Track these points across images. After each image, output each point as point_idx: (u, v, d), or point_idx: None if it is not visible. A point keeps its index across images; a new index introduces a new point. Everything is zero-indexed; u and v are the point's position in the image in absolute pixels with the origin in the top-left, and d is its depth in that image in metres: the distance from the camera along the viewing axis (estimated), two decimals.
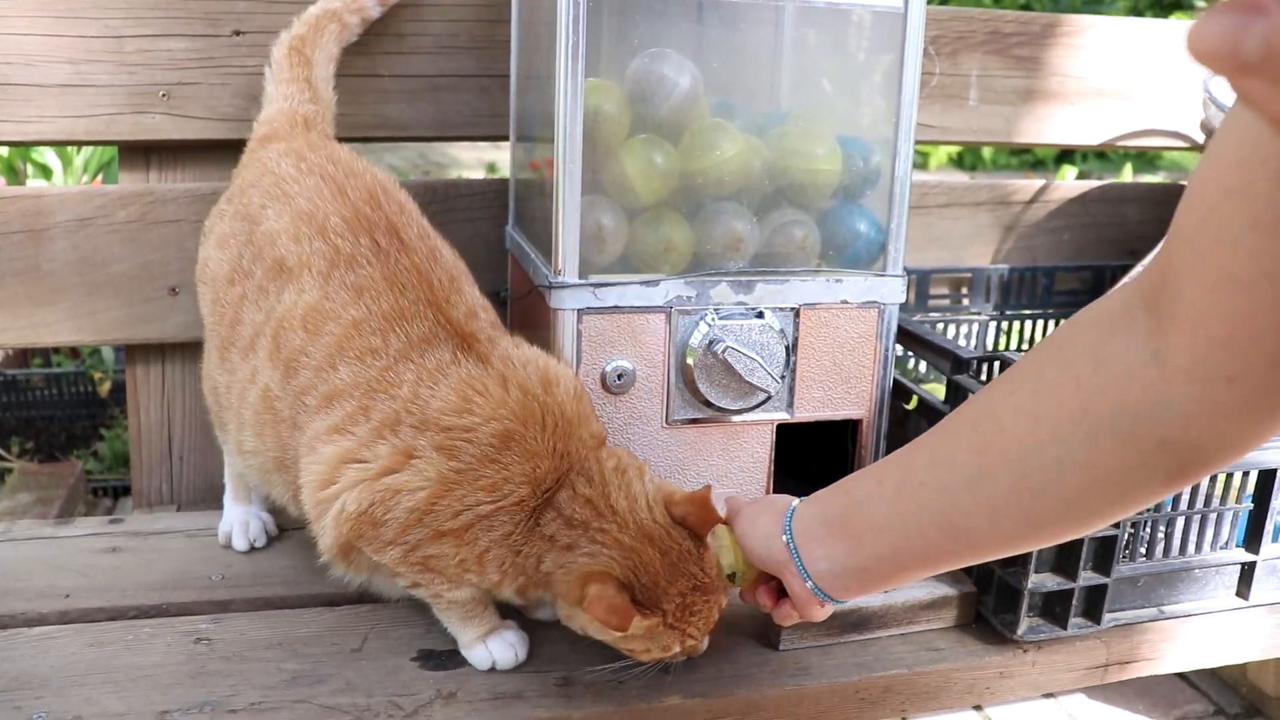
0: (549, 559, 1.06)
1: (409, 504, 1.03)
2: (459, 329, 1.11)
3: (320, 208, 1.17)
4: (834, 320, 1.29)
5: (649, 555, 1.05)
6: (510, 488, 1.04)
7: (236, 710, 1.08)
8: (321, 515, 1.08)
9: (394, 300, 1.11)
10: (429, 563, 1.07)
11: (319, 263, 1.14)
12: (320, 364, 1.10)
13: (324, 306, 1.12)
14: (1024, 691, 1.27)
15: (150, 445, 1.62)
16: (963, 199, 1.85)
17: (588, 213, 1.21)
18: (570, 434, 1.07)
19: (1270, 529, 1.30)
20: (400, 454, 1.04)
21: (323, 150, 1.25)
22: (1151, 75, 1.90)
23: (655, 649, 1.08)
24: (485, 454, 1.04)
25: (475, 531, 1.04)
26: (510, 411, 1.05)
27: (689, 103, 1.23)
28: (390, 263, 1.13)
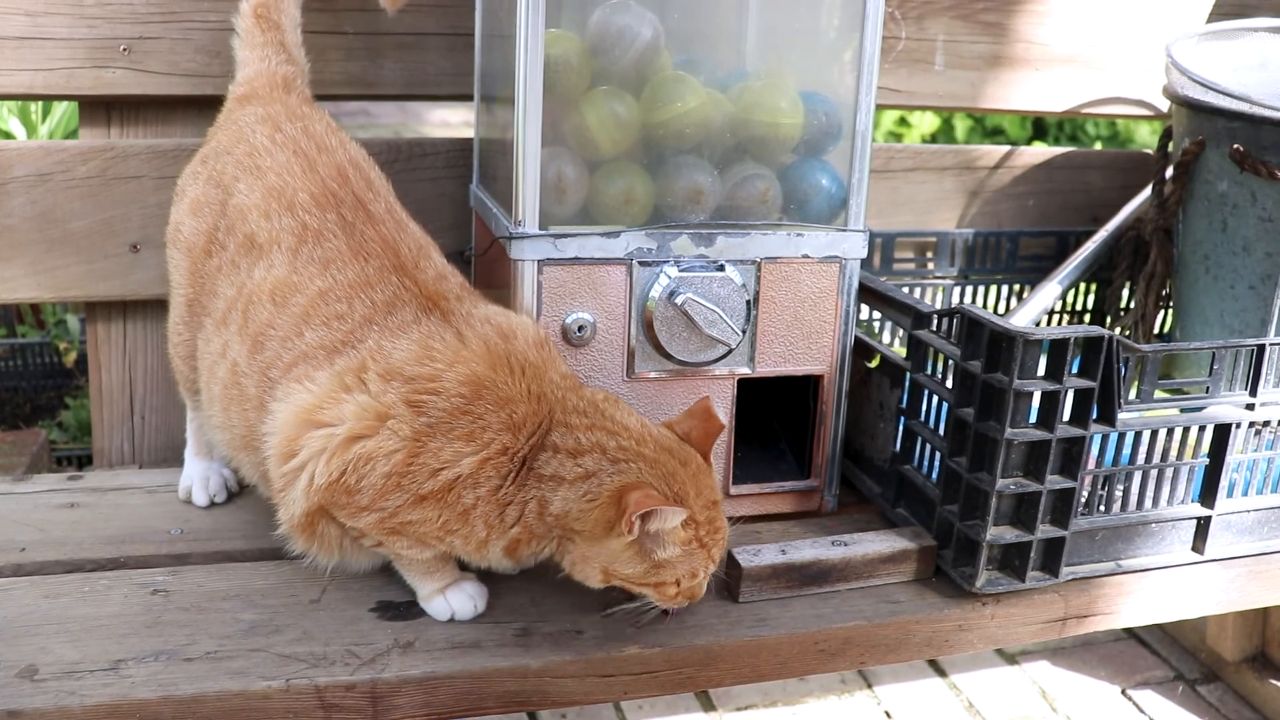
0: (559, 497, 1.04)
1: (384, 469, 1.02)
2: (426, 290, 1.11)
3: (290, 184, 1.17)
4: (795, 274, 1.29)
5: (673, 466, 1.05)
6: (490, 435, 1.03)
7: (192, 659, 1.08)
8: (288, 487, 1.07)
9: (359, 269, 1.12)
10: (405, 528, 1.06)
11: (288, 239, 1.15)
12: (286, 334, 1.10)
13: (291, 280, 1.12)
14: (982, 645, 1.27)
15: (112, 404, 1.61)
16: (928, 164, 1.86)
17: (548, 163, 1.20)
18: (540, 377, 1.07)
19: (1225, 484, 1.31)
20: (370, 415, 1.03)
21: (299, 121, 1.25)
22: (1117, 43, 1.90)
23: (684, 574, 1.06)
24: (455, 405, 1.03)
25: (458, 490, 1.03)
26: (472, 356, 1.04)
27: (650, 54, 1.23)
28: (356, 235, 1.14)
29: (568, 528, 1.05)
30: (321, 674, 1.07)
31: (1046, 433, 1.19)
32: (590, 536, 1.04)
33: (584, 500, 1.03)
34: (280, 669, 1.07)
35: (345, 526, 1.09)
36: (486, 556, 1.09)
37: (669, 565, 1.05)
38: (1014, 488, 1.21)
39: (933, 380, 1.30)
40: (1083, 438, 1.21)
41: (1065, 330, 1.18)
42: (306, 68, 1.42)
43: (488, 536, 1.06)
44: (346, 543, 1.13)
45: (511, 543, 1.07)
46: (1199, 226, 1.61)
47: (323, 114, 1.30)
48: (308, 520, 1.08)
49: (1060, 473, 1.22)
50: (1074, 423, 1.21)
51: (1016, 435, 1.18)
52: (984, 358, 1.20)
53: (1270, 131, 1.47)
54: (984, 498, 1.21)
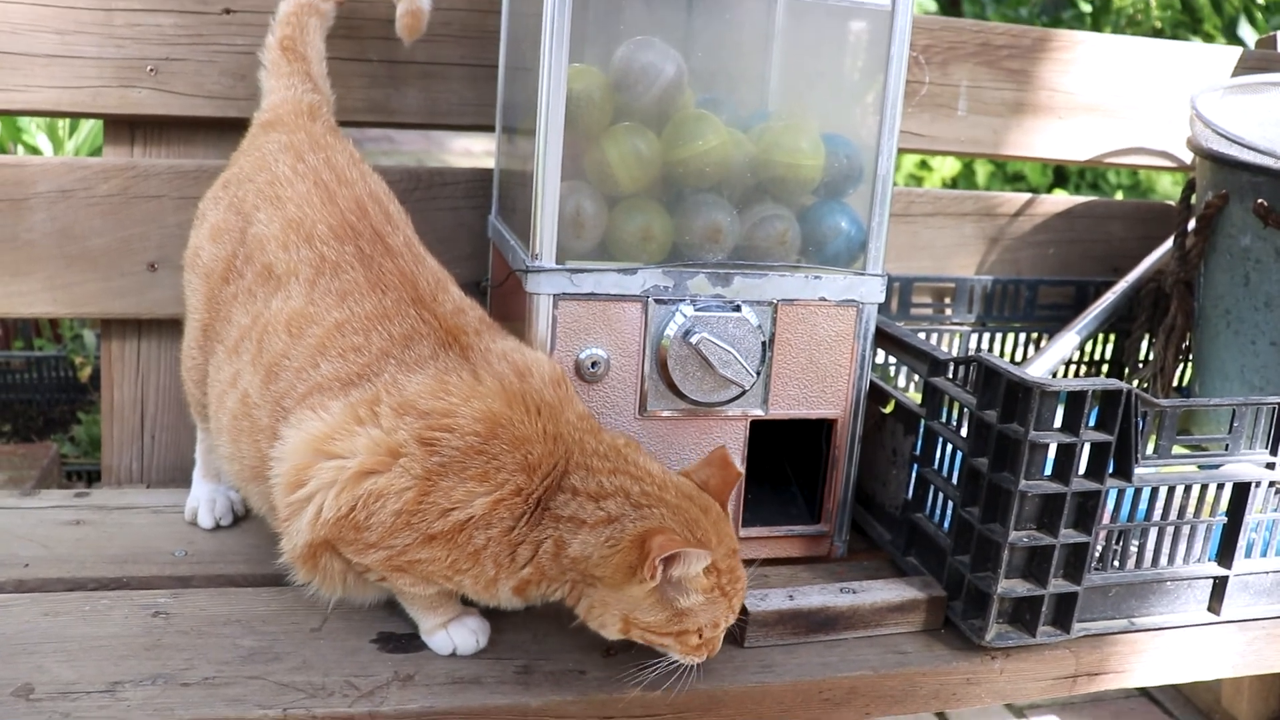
0: (578, 540, 1.02)
1: (394, 507, 1.01)
2: (445, 323, 1.11)
3: (309, 215, 1.17)
4: (812, 317, 1.28)
5: (695, 513, 1.04)
6: (504, 476, 1.01)
7: (189, 684, 1.07)
8: (294, 517, 1.06)
9: (377, 301, 1.11)
10: (412, 567, 1.04)
11: (305, 270, 1.14)
12: (302, 365, 1.09)
13: (308, 311, 1.12)
14: (990, 699, 1.25)
15: (123, 422, 1.61)
16: (949, 209, 1.85)
17: (567, 198, 1.20)
18: (557, 417, 1.06)
19: (1243, 544, 1.29)
20: (382, 451, 1.01)
21: (322, 152, 1.25)
22: (1141, 93, 1.90)
23: (706, 624, 1.05)
24: (469, 444, 1.01)
25: (469, 531, 1.01)
26: (488, 393, 1.03)
27: (673, 91, 1.23)
28: (374, 267, 1.13)
29: (586, 573, 1.03)
30: (319, 704, 1.05)
31: (1062, 486, 1.18)
32: (611, 583, 1.02)
33: (606, 545, 1.01)
34: (277, 698, 1.06)
35: (350, 562, 1.07)
36: (496, 596, 1.07)
37: (691, 614, 1.03)
38: (1027, 540, 1.19)
39: (947, 428, 1.29)
40: (1098, 492, 1.19)
41: (1083, 382, 1.17)
42: (332, 98, 1.43)
43: (496, 575, 1.04)
44: (350, 577, 1.11)
45: (521, 583, 1.05)
46: (1221, 280, 1.60)
47: (346, 144, 1.30)
48: (311, 552, 1.07)
49: (1075, 526, 1.21)
50: (1090, 476, 1.19)
51: (1031, 487, 1.17)
52: (1000, 407, 1.18)
53: None
54: (996, 549, 1.19)
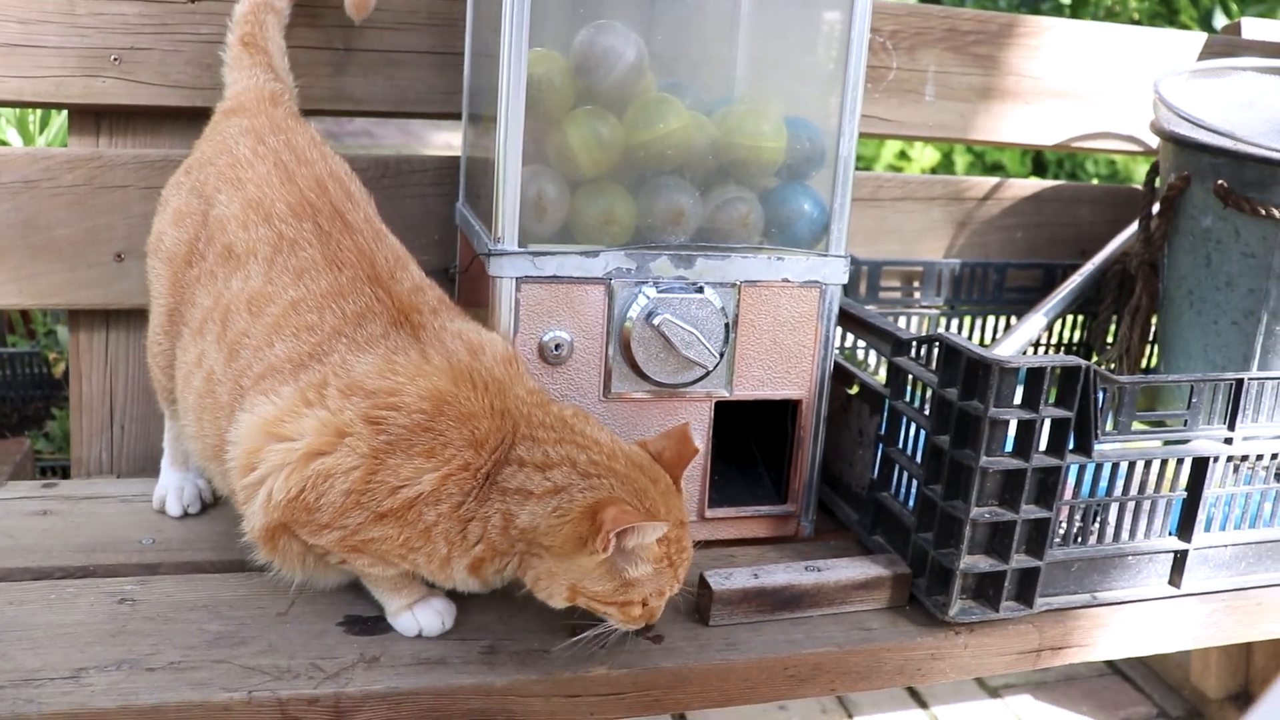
0: (525, 511, 1.02)
1: (343, 486, 1.01)
2: (399, 302, 1.11)
3: (268, 195, 1.18)
4: (775, 298, 1.29)
5: (644, 483, 1.05)
6: (451, 452, 1.02)
7: (155, 669, 1.07)
8: (249, 500, 1.07)
9: (332, 278, 1.12)
10: (366, 546, 1.05)
11: (264, 249, 1.15)
12: (259, 344, 1.10)
13: (266, 290, 1.12)
14: (955, 674, 1.26)
15: (91, 413, 1.61)
16: (917, 193, 1.86)
17: (529, 182, 1.21)
18: (504, 392, 1.07)
19: (1203, 518, 1.30)
20: (329, 431, 1.02)
21: (283, 134, 1.26)
22: (1108, 78, 1.91)
23: (651, 593, 1.05)
24: (416, 421, 1.02)
25: (419, 508, 1.02)
26: (435, 371, 1.04)
27: (634, 75, 1.23)
28: (331, 244, 1.14)
29: (535, 543, 1.03)
30: (285, 687, 1.06)
31: (1022, 462, 1.19)
32: (559, 553, 1.02)
33: (554, 515, 1.02)
34: (243, 681, 1.06)
35: (308, 544, 1.08)
36: (451, 575, 1.07)
37: (638, 584, 1.04)
38: (989, 516, 1.20)
39: (911, 407, 1.30)
40: (1058, 468, 1.20)
41: (1042, 359, 1.18)
42: (294, 89, 1.43)
43: (449, 554, 1.05)
44: (310, 558, 1.12)
45: (475, 560, 1.05)
46: (1184, 261, 1.61)
47: (308, 128, 1.30)
48: (269, 534, 1.08)
49: (1036, 502, 1.22)
50: (1050, 452, 1.20)
51: (992, 464, 1.18)
52: (961, 385, 1.20)
53: (1254, 168, 1.47)
54: (958, 526, 1.20)
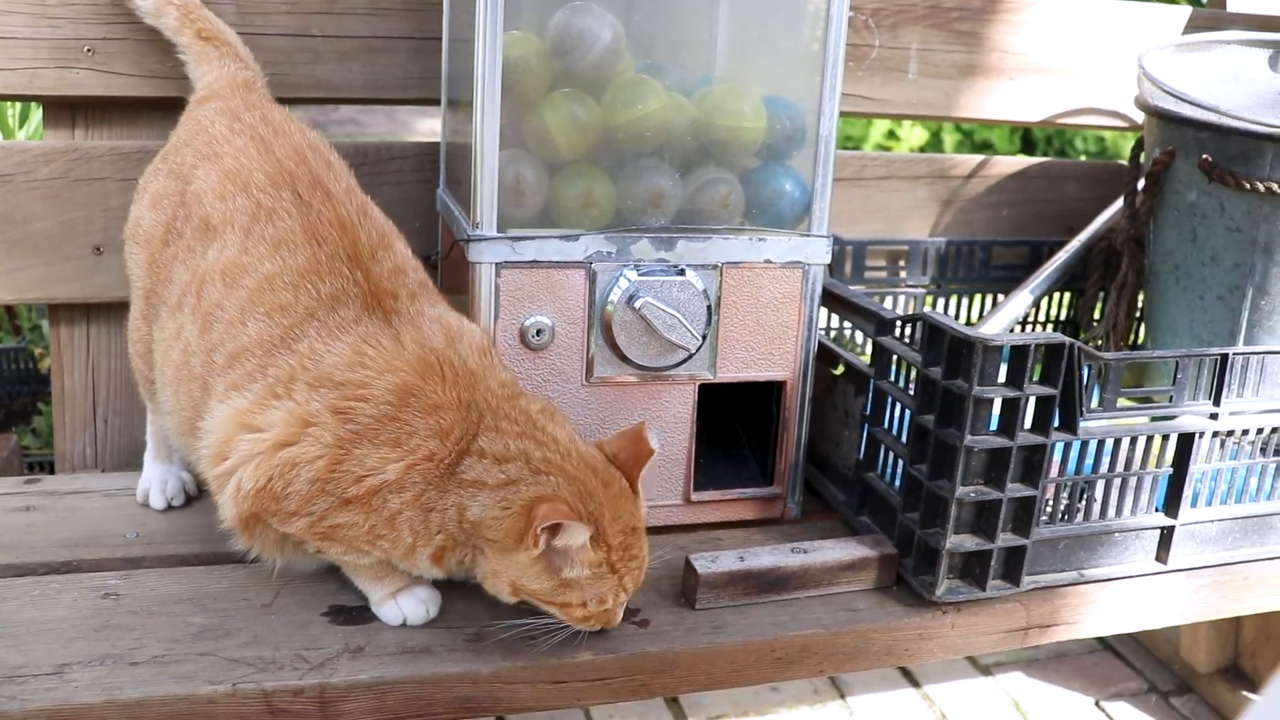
0: (477, 503, 1.02)
1: (309, 475, 1.01)
2: (377, 285, 1.10)
3: (245, 165, 1.16)
4: (757, 280, 1.28)
5: (593, 485, 1.04)
6: (416, 442, 1.02)
7: (139, 663, 1.06)
8: (220, 490, 1.07)
9: (310, 254, 1.10)
10: (335, 533, 1.05)
11: (241, 218, 1.13)
12: (232, 318, 1.09)
13: (242, 260, 1.11)
14: (942, 654, 1.26)
15: (74, 408, 1.60)
16: (901, 172, 1.85)
17: (507, 166, 1.20)
18: (474, 385, 1.06)
19: (1189, 494, 1.30)
20: (296, 422, 1.02)
21: (258, 110, 1.25)
22: (1092, 54, 1.90)
23: (591, 599, 1.05)
24: (382, 412, 1.02)
25: (383, 495, 1.02)
26: (405, 364, 1.03)
27: (611, 57, 1.22)
28: (311, 214, 1.12)
29: (482, 536, 1.03)
30: (269, 678, 1.05)
31: (1007, 440, 1.18)
32: (500, 548, 1.02)
33: (499, 507, 1.02)
34: (228, 673, 1.05)
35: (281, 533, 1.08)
36: (417, 564, 1.07)
37: (576, 586, 1.04)
38: (974, 495, 1.20)
39: (896, 387, 1.30)
40: (1044, 445, 1.20)
41: (1026, 337, 1.17)
42: (263, 77, 1.43)
43: (414, 543, 1.04)
44: (288, 545, 1.12)
45: (437, 550, 1.05)
46: (1169, 237, 1.61)
47: (282, 108, 1.29)
48: (244, 523, 1.07)
49: (1021, 481, 1.21)
50: (1035, 430, 1.20)
51: (977, 442, 1.17)
52: (945, 364, 1.19)
53: (1238, 142, 1.47)
54: (944, 505, 1.20)
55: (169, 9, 1.41)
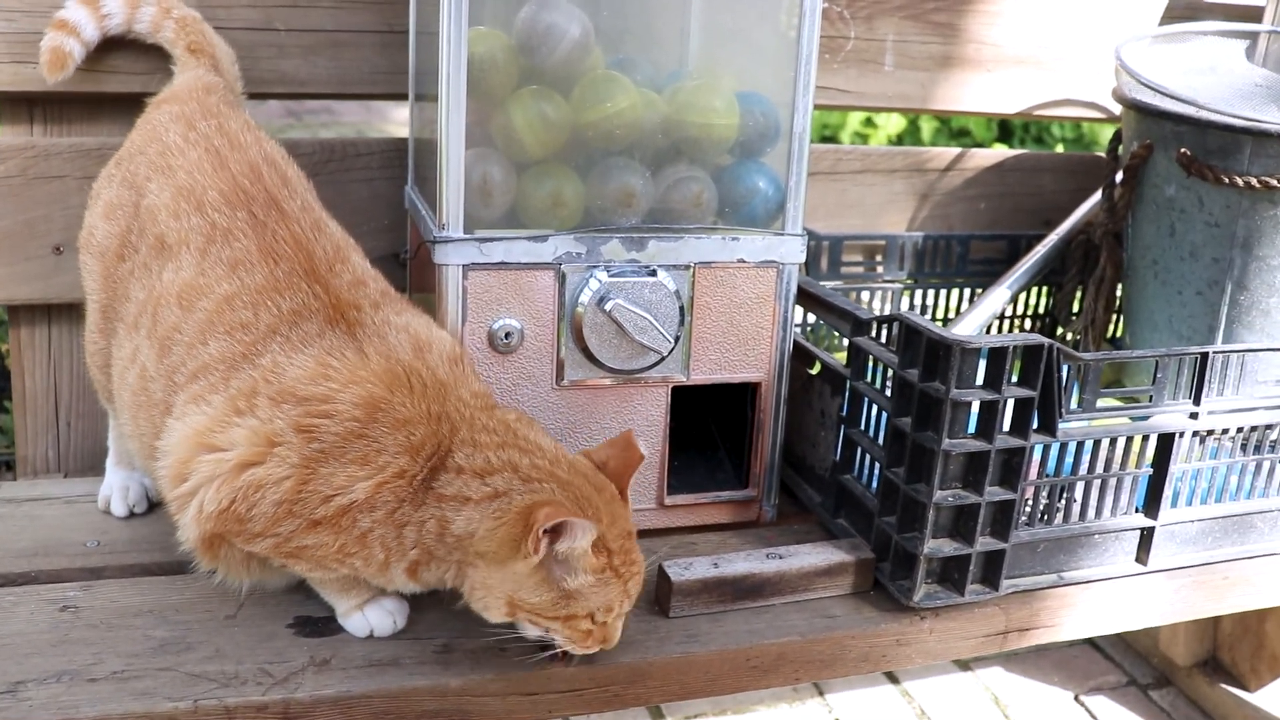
0: (462, 518, 0.98)
1: (274, 497, 0.98)
2: (337, 298, 1.07)
3: (200, 182, 1.13)
4: (730, 280, 1.26)
5: (586, 490, 1.01)
6: (386, 459, 0.98)
7: (97, 679, 1.03)
8: (181, 511, 1.03)
9: (268, 272, 1.07)
10: (303, 553, 1.01)
11: (196, 239, 1.11)
12: (191, 340, 1.06)
13: (198, 283, 1.08)
14: (920, 659, 1.25)
15: (35, 411, 1.56)
16: (877, 165, 1.83)
17: (474, 165, 1.17)
18: (445, 396, 1.03)
19: (1169, 494, 1.29)
20: (260, 441, 0.98)
21: (214, 119, 1.21)
22: (1069, 45, 1.89)
23: (598, 608, 1.01)
24: (348, 429, 0.98)
25: (353, 515, 0.98)
26: (371, 376, 1.00)
27: (579, 53, 1.19)
28: (266, 235, 1.10)
29: (471, 550, 0.99)
30: (232, 694, 1.03)
31: (985, 443, 1.16)
32: (495, 559, 0.98)
33: (491, 518, 0.98)
34: (188, 689, 1.03)
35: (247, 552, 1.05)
36: (391, 579, 1.04)
37: (580, 596, 0.99)
38: (952, 499, 1.18)
39: (872, 389, 1.28)
40: (1023, 448, 1.18)
41: (1004, 339, 1.15)
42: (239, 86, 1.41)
43: (387, 559, 1.01)
44: (254, 564, 1.08)
45: (411, 565, 1.02)
46: (1147, 231, 1.59)
47: (242, 113, 1.26)
48: (207, 544, 1.04)
49: (1000, 484, 1.20)
50: (1014, 433, 1.18)
51: (954, 446, 1.15)
52: (921, 366, 1.17)
53: (1216, 136, 1.45)
54: (922, 509, 1.18)
55: (167, 22, 1.40)
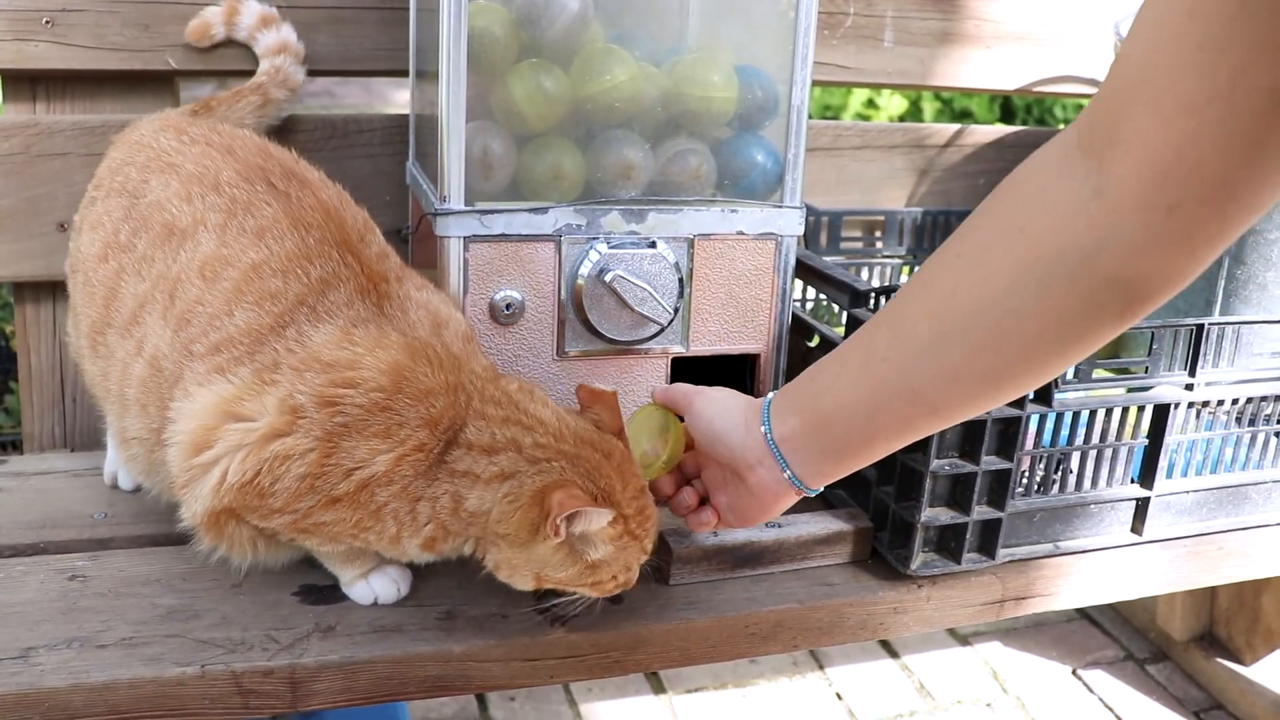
0: (474, 495, 0.99)
1: (300, 470, 0.97)
2: (369, 269, 1.07)
3: (210, 167, 1.12)
4: (729, 252, 1.27)
5: (595, 460, 1.01)
6: (407, 432, 0.98)
7: (106, 645, 1.05)
8: (194, 482, 1.01)
9: (298, 239, 1.06)
10: (318, 529, 1.01)
11: (215, 216, 1.08)
12: (216, 311, 1.04)
13: (222, 254, 1.06)
14: (918, 627, 1.26)
15: (41, 387, 1.57)
16: (877, 141, 1.84)
17: (474, 138, 1.18)
18: (460, 369, 1.03)
19: (1164, 465, 1.30)
20: (288, 412, 0.97)
21: (203, 124, 1.21)
22: (1068, 21, 1.89)
23: (619, 569, 1.03)
24: (373, 400, 0.97)
25: (372, 489, 0.98)
26: (394, 345, 1.00)
27: (579, 26, 1.20)
28: (293, 202, 1.08)
29: (489, 530, 1.00)
30: (239, 659, 1.04)
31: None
32: (516, 541, 0.99)
33: (505, 502, 0.99)
34: (196, 655, 1.04)
35: (259, 527, 1.04)
36: (404, 552, 1.04)
37: (603, 564, 1.01)
38: (949, 469, 1.19)
39: None
40: (1019, 418, 1.19)
41: None
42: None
43: (399, 533, 1.01)
44: (260, 541, 1.08)
45: (427, 540, 1.02)
46: None
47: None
48: (214, 519, 1.03)
49: (996, 453, 1.21)
50: (1010, 403, 1.19)
51: None
52: None
53: None
54: (919, 479, 1.20)
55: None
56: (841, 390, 0.95)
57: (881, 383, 0.91)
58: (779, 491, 1.03)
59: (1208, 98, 0.68)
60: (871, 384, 0.92)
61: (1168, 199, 0.72)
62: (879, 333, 0.93)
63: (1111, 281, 0.77)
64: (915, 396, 0.90)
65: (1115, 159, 0.74)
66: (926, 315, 0.87)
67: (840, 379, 0.95)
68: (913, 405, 0.91)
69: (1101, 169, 0.75)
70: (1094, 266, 0.77)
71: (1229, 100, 0.67)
